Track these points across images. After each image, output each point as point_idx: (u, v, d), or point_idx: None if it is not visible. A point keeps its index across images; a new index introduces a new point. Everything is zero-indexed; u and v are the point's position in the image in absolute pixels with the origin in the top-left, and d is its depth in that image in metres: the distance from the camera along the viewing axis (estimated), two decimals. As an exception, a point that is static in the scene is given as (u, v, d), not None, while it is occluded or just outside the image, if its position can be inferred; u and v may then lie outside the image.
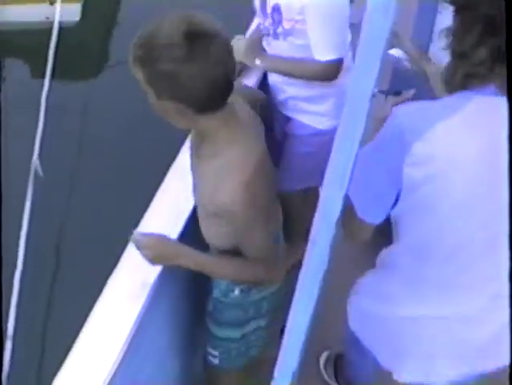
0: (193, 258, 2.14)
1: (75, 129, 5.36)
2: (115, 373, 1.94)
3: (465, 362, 2.01)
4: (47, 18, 5.87)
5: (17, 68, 5.86)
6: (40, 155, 4.75)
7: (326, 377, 3.17)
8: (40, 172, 4.55)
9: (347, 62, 2.68)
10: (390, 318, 2.04)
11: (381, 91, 2.36)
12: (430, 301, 1.95)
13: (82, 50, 6.13)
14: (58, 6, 5.83)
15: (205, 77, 1.82)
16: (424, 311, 1.96)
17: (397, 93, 2.36)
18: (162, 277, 2.19)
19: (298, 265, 1.33)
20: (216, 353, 2.47)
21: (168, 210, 2.41)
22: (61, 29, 5.74)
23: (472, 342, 1.99)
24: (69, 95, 5.60)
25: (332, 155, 1.18)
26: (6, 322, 3.83)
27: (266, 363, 1.73)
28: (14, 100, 5.09)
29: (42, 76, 5.35)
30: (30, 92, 5.31)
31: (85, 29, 6.29)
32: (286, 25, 2.62)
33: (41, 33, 5.67)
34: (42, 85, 5.26)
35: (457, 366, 2.02)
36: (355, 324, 2.18)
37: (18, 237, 4.30)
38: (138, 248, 2.12)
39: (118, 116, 5.42)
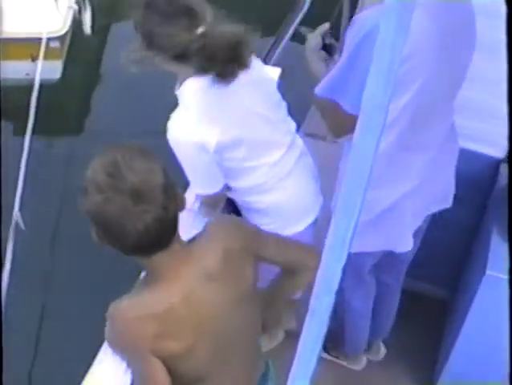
0: None
1: (57, 184, 5.32)
2: None
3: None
4: (27, 74, 5.81)
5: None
6: (21, 207, 4.67)
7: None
8: (22, 225, 4.48)
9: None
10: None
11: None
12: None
13: (62, 108, 6.09)
14: (39, 62, 5.77)
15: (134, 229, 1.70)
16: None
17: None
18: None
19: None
20: None
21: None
22: (41, 86, 5.68)
23: None
24: (50, 151, 5.56)
25: (332, 225, 1.12)
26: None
27: None
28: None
29: (23, 133, 5.27)
30: (11, 148, 5.24)
31: (65, 86, 6.25)
32: None
33: (21, 90, 5.61)
34: (23, 142, 5.18)
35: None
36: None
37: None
38: None
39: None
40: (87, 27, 6.32)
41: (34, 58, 5.77)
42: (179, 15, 2.21)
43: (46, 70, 5.82)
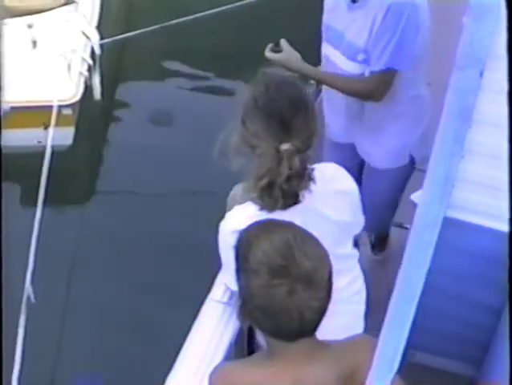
0: None
1: (68, 254, 5.30)
2: None
3: None
4: (39, 142, 5.80)
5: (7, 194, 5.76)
6: (32, 281, 4.62)
7: None
8: (32, 299, 4.42)
9: None
10: None
11: None
12: None
13: (73, 175, 6.07)
14: (51, 130, 5.76)
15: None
16: None
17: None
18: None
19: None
20: None
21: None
22: (53, 153, 5.67)
23: None
24: (61, 221, 5.52)
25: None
26: None
27: None
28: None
29: (33, 201, 5.24)
30: (20, 220, 5.20)
31: (77, 152, 6.25)
32: None
33: (32, 157, 5.58)
34: (34, 212, 5.14)
35: None
36: None
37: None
38: None
39: (111, 241, 5.35)
40: (97, 93, 6.33)
41: (46, 126, 5.76)
42: (275, 122, 2.12)
43: (58, 136, 5.80)
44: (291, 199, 2.19)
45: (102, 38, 6.22)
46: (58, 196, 5.62)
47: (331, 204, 2.33)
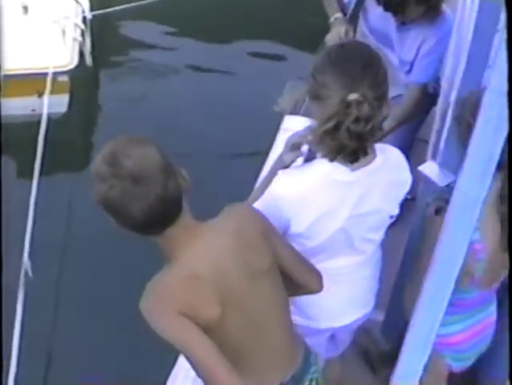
0: None
1: (63, 226, 5.25)
2: None
3: None
4: (33, 110, 5.70)
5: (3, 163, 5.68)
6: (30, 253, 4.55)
7: None
8: (30, 273, 4.35)
9: None
10: None
11: None
12: None
13: (69, 143, 5.98)
14: (46, 98, 5.65)
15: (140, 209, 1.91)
16: None
17: None
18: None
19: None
20: None
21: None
22: (48, 120, 5.56)
23: None
24: (56, 190, 5.44)
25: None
26: None
27: None
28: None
29: (29, 171, 5.15)
30: (17, 189, 5.13)
31: (72, 119, 6.15)
32: None
33: (26, 126, 5.48)
34: (30, 182, 5.05)
35: None
36: None
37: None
38: None
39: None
40: (88, 58, 6.22)
41: (40, 94, 5.66)
42: (343, 71, 2.10)
43: (53, 104, 5.72)
44: (358, 145, 2.13)
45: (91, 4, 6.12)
46: (53, 165, 5.51)
47: (382, 192, 2.35)
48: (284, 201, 2.27)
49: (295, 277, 2.30)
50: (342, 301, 2.63)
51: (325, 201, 2.29)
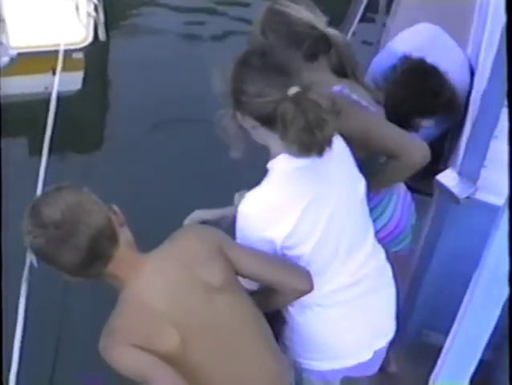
0: None
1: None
2: None
3: None
4: (46, 88, 5.60)
5: (14, 143, 5.61)
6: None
7: None
8: (35, 264, 4.25)
9: None
10: None
11: None
12: None
13: (83, 121, 5.88)
14: (57, 75, 5.54)
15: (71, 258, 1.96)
16: None
17: None
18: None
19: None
20: None
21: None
22: (60, 99, 5.46)
23: None
24: (67, 169, 5.36)
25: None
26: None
27: None
28: (12, 178, 4.85)
29: (41, 149, 5.07)
30: (27, 168, 5.05)
31: (86, 97, 6.05)
32: None
33: (40, 104, 5.38)
34: (40, 161, 4.97)
35: None
36: None
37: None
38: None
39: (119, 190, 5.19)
40: (102, 33, 6.11)
41: (55, 71, 5.55)
42: (272, 72, 2.03)
43: (67, 81, 5.61)
44: (324, 133, 2.06)
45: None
46: (64, 143, 5.43)
47: (342, 160, 2.35)
48: (256, 217, 2.18)
49: (272, 281, 2.22)
50: (358, 331, 2.48)
51: (297, 193, 2.20)
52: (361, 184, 2.40)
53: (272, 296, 2.28)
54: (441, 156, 4.30)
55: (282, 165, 2.17)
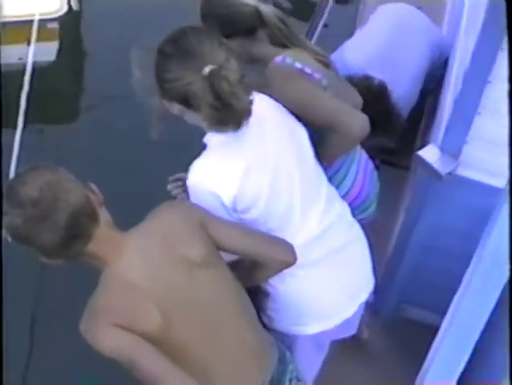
0: None
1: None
2: None
3: None
4: (20, 58, 5.52)
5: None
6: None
7: None
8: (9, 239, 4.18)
9: None
10: None
11: None
12: None
13: (57, 92, 5.81)
14: (32, 45, 5.47)
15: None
16: None
17: None
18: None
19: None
20: None
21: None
22: (35, 70, 5.39)
23: None
24: (41, 142, 5.30)
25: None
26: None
27: None
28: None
29: (15, 122, 5.00)
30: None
31: (60, 68, 5.97)
32: None
33: (13, 75, 5.31)
34: (14, 133, 4.91)
35: None
36: None
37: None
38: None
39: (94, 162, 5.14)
40: (75, 3, 6.03)
41: (30, 42, 5.47)
42: (185, 56, 2.10)
43: (41, 52, 5.54)
44: (242, 105, 2.14)
45: None
46: (40, 116, 5.37)
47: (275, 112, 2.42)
48: (202, 182, 2.23)
49: (256, 254, 2.22)
50: (340, 286, 2.50)
51: (233, 159, 2.24)
52: (302, 134, 2.45)
53: (255, 270, 2.27)
54: (417, 130, 4.34)
55: (213, 139, 2.25)
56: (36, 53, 5.45)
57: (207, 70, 2.05)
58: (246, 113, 2.15)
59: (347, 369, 3.25)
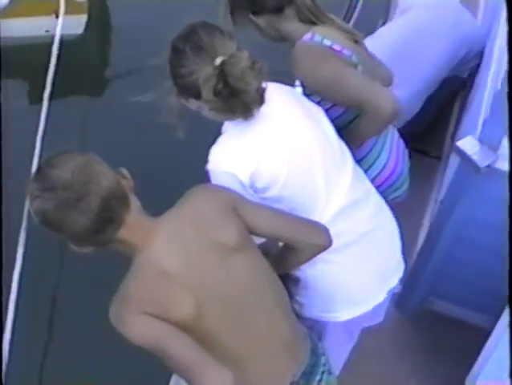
0: None
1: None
2: None
3: None
4: (47, 31, 5.46)
5: (14, 88, 5.48)
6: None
7: None
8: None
9: None
10: None
11: None
12: None
13: (84, 66, 5.75)
14: (60, 18, 5.41)
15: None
16: None
17: None
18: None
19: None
20: None
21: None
22: (62, 43, 5.33)
23: None
24: (67, 115, 5.24)
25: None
26: None
27: None
28: (12, 124, 4.74)
29: (41, 95, 4.95)
30: (26, 114, 4.94)
31: (88, 42, 5.92)
32: None
33: (40, 48, 5.25)
34: (41, 106, 4.85)
35: None
36: None
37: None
38: None
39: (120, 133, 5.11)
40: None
41: (57, 14, 5.41)
42: (197, 51, 2.13)
43: (70, 25, 5.50)
44: (255, 95, 2.17)
45: None
46: (65, 88, 5.31)
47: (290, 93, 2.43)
48: (221, 166, 2.24)
49: (290, 238, 2.18)
50: (371, 271, 2.46)
51: (249, 140, 2.25)
52: (320, 114, 2.44)
53: (288, 255, 2.24)
54: (449, 120, 4.27)
55: (229, 124, 2.31)
56: (64, 26, 5.39)
57: (218, 61, 2.08)
58: (257, 100, 2.16)
59: (371, 359, 3.21)
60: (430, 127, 4.13)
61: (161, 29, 5.73)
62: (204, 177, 2.33)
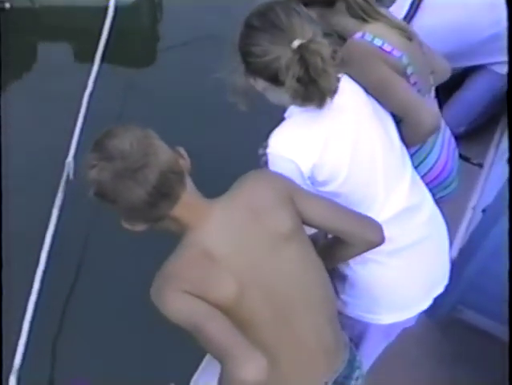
0: None
1: (115, 115, 5.01)
2: None
3: None
4: (103, -4, 5.46)
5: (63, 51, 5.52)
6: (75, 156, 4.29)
7: None
8: (71, 176, 4.16)
9: None
10: None
11: None
12: None
13: (135, 32, 5.77)
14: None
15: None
16: None
17: None
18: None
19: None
20: None
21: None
22: (117, 9, 5.31)
23: None
24: (114, 81, 5.26)
25: None
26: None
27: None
28: (54, 89, 4.81)
29: (91, 59, 4.97)
30: (74, 76, 4.96)
31: (140, 10, 5.91)
32: None
33: (95, 13, 5.24)
34: (89, 70, 4.86)
35: None
36: None
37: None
38: None
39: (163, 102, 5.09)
40: None
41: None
42: (273, 30, 2.05)
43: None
44: (327, 82, 2.12)
45: None
46: (116, 55, 5.34)
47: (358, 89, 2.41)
48: (284, 152, 2.20)
49: (343, 231, 2.14)
50: (420, 278, 2.48)
51: (314, 130, 2.22)
52: (384, 113, 2.43)
53: (339, 248, 2.22)
54: (496, 128, 4.22)
55: (295, 110, 2.25)
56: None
57: (296, 43, 2.02)
58: (333, 91, 2.12)
59: (396, 358, 3.22)
60: (474, 132, 4.10)
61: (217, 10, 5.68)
62: (255, 163, 2.34)
